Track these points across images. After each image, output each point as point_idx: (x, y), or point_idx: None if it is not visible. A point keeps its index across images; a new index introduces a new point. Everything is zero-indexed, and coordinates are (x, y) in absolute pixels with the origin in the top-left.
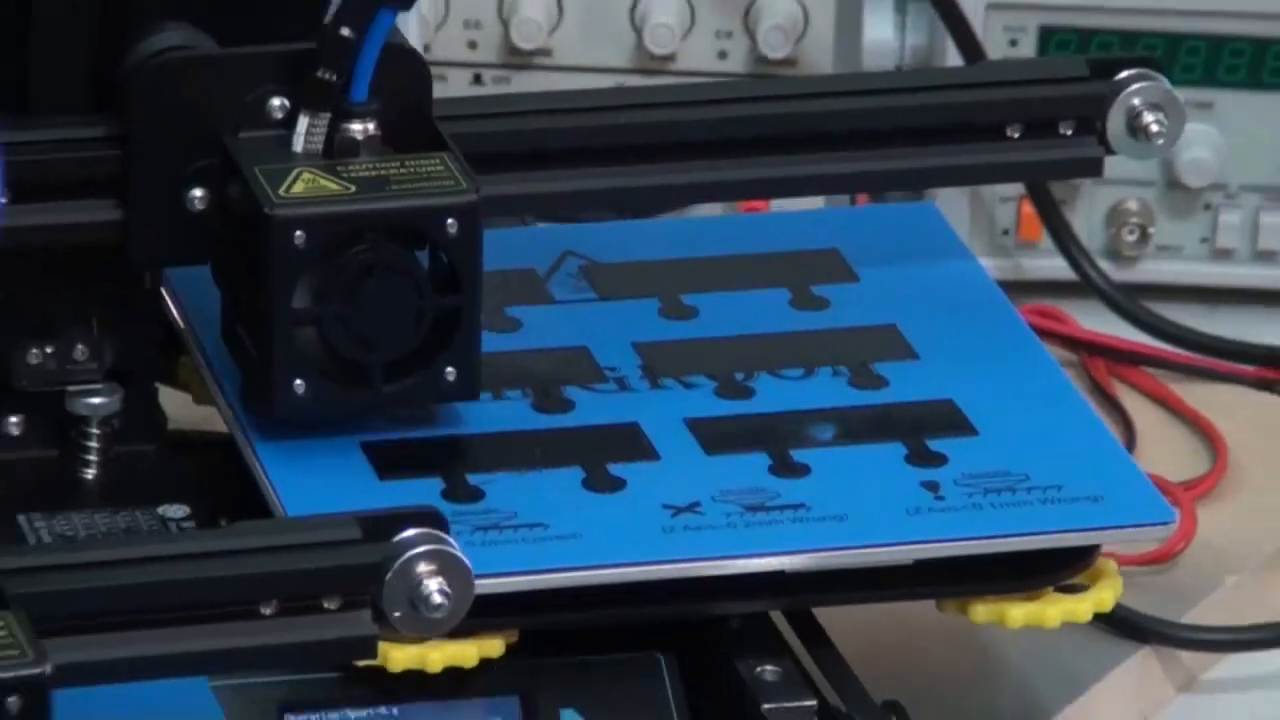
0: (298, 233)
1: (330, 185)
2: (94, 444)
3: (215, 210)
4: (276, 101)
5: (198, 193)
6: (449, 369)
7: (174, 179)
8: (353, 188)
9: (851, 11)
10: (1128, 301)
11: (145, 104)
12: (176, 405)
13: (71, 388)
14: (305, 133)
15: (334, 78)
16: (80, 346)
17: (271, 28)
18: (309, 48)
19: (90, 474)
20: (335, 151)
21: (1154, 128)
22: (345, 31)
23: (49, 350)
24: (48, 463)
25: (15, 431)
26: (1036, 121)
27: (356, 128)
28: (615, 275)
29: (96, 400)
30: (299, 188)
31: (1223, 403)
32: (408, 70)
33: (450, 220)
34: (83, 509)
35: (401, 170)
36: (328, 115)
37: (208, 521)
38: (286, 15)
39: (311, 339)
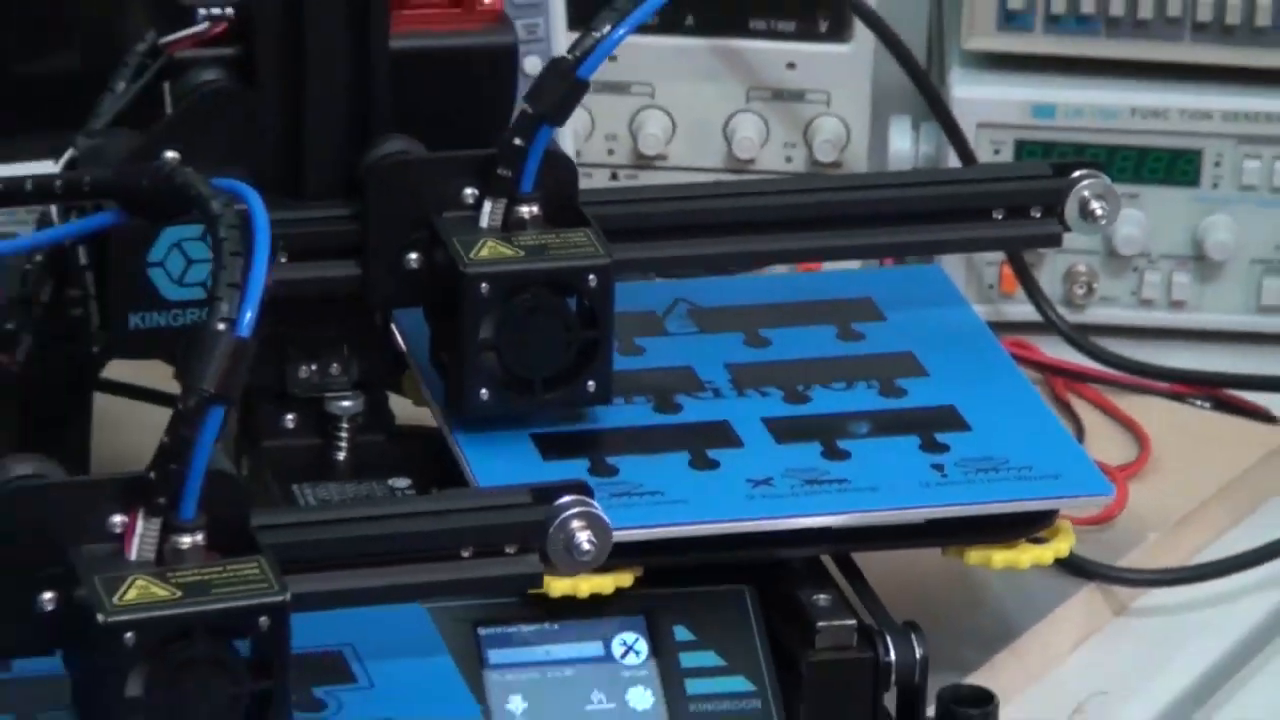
0: (483, 285)
1: (506, 251)
2: (344, 435)
3: (427, 268)
4: (469, 191)
5: (414, 256)
6: (590, 383)
7: (398, 246)
8: (522, 252)
9: (881, 129)
10: (1079, 337)
11: (378, 193)
12: (401, 407)
13: (329, 394)
14: (489, 214)
15: (509, 174)
16: (335, 365)
17: (464, 138)
18: (491, 153)
19: (341, 456)
20: (510, 227)
21: (1099, 212)
22: (517, 141)
23: (313, 367)
24: (313, 448)
25: (290, 425)
26: (1013, 207)
27: (525, 210)
28: (712, 316)
29: (346, 403)
30: (484, 252)
31: (1147, 409)
32: (561, 169)
33: (591, 276)
34: (337, 480)
35: (557, 240)
36: (505, 201)
37: (423, 490)
38: (474, 129)
39: (492, 360)
